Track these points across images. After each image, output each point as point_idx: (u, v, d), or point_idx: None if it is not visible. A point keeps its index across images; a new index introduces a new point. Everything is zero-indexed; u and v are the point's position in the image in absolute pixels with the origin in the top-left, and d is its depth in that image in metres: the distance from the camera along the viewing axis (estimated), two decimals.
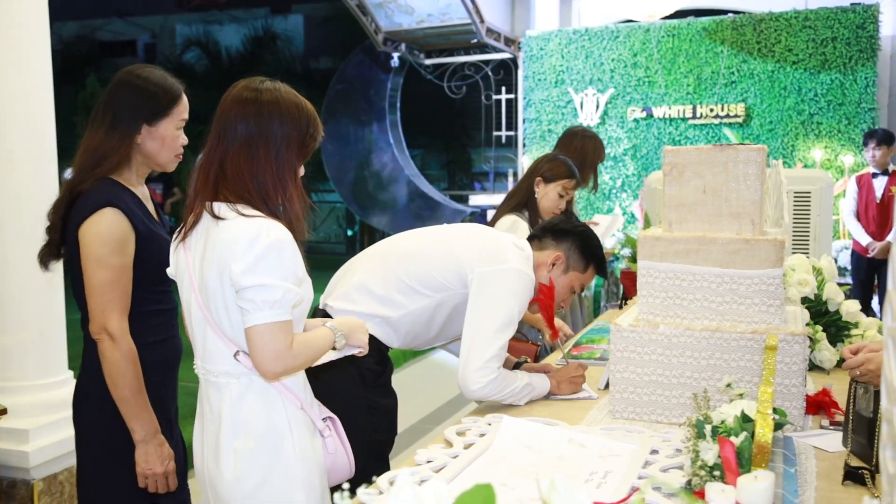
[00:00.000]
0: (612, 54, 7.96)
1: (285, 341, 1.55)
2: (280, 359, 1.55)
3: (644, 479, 1.52)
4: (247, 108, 1.61)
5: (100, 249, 1.89)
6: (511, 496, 1.45)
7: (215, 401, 1.66)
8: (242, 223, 1.56)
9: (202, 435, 1.71)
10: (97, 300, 1.90)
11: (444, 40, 8.72)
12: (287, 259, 1.56)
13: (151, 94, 1.99)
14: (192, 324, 1.69)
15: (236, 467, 1.62)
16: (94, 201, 1.91)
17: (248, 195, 1.60)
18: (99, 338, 1.90)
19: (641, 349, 1.96)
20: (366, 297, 2.12)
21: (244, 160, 1.60)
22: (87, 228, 1.91)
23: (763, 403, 1.44)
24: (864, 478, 1.51)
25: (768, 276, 1.89)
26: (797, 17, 7.25)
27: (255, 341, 1.54)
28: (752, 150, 1.94)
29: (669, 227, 2.02)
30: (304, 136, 1.65)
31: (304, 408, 1.68)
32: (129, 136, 1.98)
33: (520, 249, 2.18)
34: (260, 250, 1.53)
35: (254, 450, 1.62)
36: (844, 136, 7.13)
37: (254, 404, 1.63)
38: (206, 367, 1.67)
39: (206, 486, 1.71)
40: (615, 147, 7.95)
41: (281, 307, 1.54)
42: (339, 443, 1.77)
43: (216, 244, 1.58)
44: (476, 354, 2.00)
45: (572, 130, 3.94)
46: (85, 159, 1.98)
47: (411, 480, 0.78)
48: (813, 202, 3.43)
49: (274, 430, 1.63)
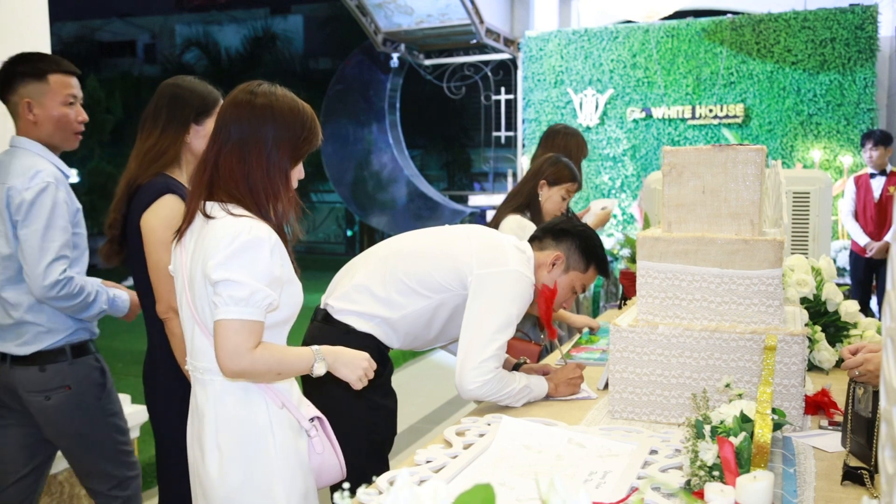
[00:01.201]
0: (612, 55, 7.97)
1: (247, 341, 1.54)
2: (238, 357, 1.54)
3: (643, 479, 1.52)
4: (241, 111, 1.63)
5: (165, 233, 2.01)
6: (510, 496, 1.45)
7: (201, 397, 1.68)
8: (229, 222, 1.58)
9: (191, 431, 1.73)
10: (164, 281, 2.05)
11: (444, 41, 8.73)
12: (262, 259, 1.56)
13: (198, 94, 2.21)
14: (183, 320, 1.71)
15: (220, 464, 1.63)
16: (155, 190, 2.10)
17: (240, 195, 1.62)
18: (167, 317, 2.07)
19: (641, 349, 1.96)
20: (366, 297, 2.13)
21: (236, 161, 1.62)
22: (151, 214, 2.08)
23: (762, 404, 1.44)
24: (863, 478, 1.51)
25: (767, 276, 1.89)
26: (796, 17, 7.26)
27: (218, 336, 1.55)
28: (751, 151, 1.94)
29: (668, 227, 2.02)
30: (298, 139, 1.66)
31: (286, 407, 1.68)
32: (180, 135, 2.18)
33: (520, 251, 2.18)
34: (236, 247, 1.54)
35: (236, 447, 1.63)
36: (843, 136, 7.14)
37: (236, 402, 1.64)
38: (193, 364, 1.69)
39: (195, 482, 1.73)
40: (614, 147, 7.96)
41: (248, 306, 1.54)
42: (327, 443, 1.76)
43: (202, 241, 1.61)
44: (473, 354, 2.00)
45: (554, 129, 3.95)
46: (141, 159, 2.17)
47: (410, 480, 0.78)
48: (812, 202, 3.43)
49: (255, 428, 1.64)
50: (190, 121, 2.18)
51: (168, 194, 2.09)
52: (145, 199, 2.09)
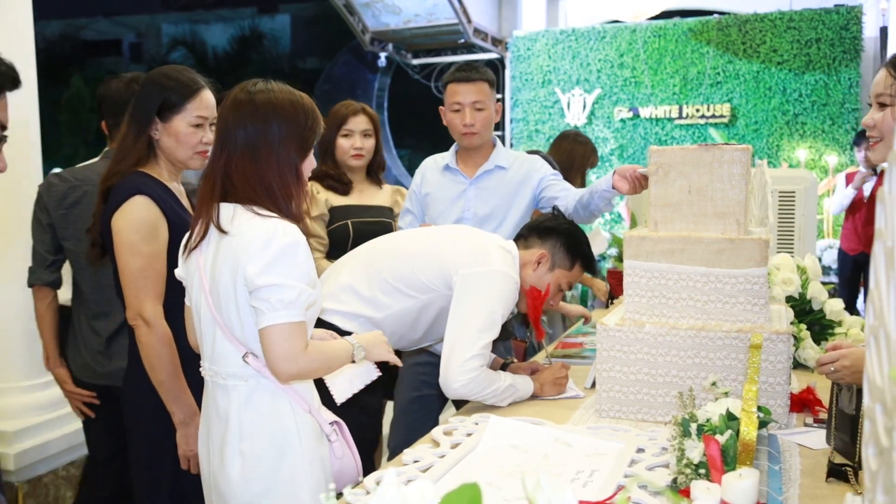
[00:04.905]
0: (599, 55, 7.99)
1: (300, 343, 1.54)
2: (294, 360, 1.53)
3: (630, 477, 1.53)
4: (242, 114, 1.61)
5: (132, 237, 1.94)
6: (497, 495, 1.45)
7: (222, 403, 1.64)
8: (258, 224, 1.56)
9: (208, 437, 1.70)
10: (131, 287, 1.94)
11: (432, 40, 8.71)
12: (301, 260, 1.56)
13: (164, 88, 2.03)
14: (201, 325, 1.67)
15: (243, 470, 1.60)
16: (124, 191, 1.97)
17: (259, 199, 1.60)
18: (135, 324, 1.95)
19: (627, 348, 1.97)
20: (352, 297, 2.12)
21: (249, 165, 1.60)
22: (119, 217, 1.96)
23: (748, 402, 1.45)
24: (848, 475, 1.52)
25: (753, 275, 1.90)
26: (782, 17, 7.30)
27: (270, 342, 1.53)
28: (737, 150, 1.95)
29: (655, 226, 2.03)
30: (304, 131, 1.64)
31: (311, 412, 1.67)
32: (143, 131, 2.03)
33: (505, 251, 2.18)
34: (275, 251, 1.52)
35: (261, 453, 1.60)
36: (828, 136, 7.18)
37: (262, 407, 1.62)
38: (213, 369, 1.66)
39: (210, 489, 1.70)
40: (602, 147, 7.98)
41: (295, 308, 1.53)
42: (346, 447, 1.75)
43: (230, 244, 1.58)
44: (458, 353, 2.00)
45: (565, 133, 4.13)
46: (114, 156, 2.07)
47: (398, 480, 0.78)
48: (797, 202, 3.45)
49: (282, 434, 1.61)
50: (153, 116, 2.02)
51: (138, 196, 1.96)
52: (115, 200, 1.98)
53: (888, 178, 0.72)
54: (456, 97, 2.70)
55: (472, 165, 2.77)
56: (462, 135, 2.72)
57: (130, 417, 2.09)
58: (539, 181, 2.72)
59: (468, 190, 2.73)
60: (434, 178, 2.80)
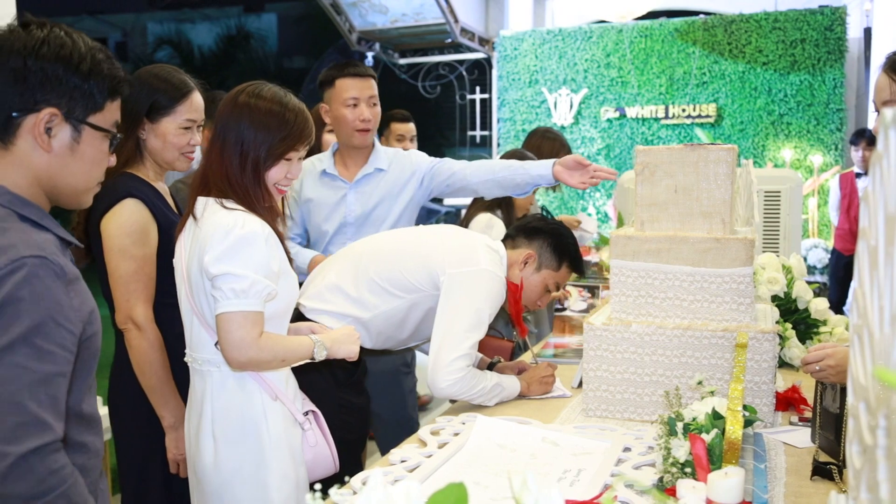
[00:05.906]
0: (586, 55, 8.00)
1: (252, 332, 1.59)
2: (244, 349, 1.59)
3: (616, 476, 1.53)
4: (225, 110, 1.71)
5: (122, 240, 1.92)
6: (484, 495, 1.45)
7: (198, 388, 1.73)
8: (223, 215, 1.63)
9: (188, 421, 1.78)
10: (122, 291, 1.93)
11: (419, 40, 8.70)
12: (259, 252, 1.61)
13: (154, 90, 2.01)
14: (182, 313, 1.75)
15: (215, 452, 1.67)
16: (114, 193, 1.93)
17: (228, 191, 1.68)
18: (125, 328, 1.94)
19: (614, 347, 1.97)
20: (338, 297, 2.12)
21: (216, 159, 1.70)
22: (109, 220, 1.94)
23: (733, 400, 1.46)
24: (832, 473, 1.53)
25: (738, 274, 1.91)
26: (767, 18, 7.33)
27: (221, 329, 1.60)
28: (723, 150, 1.96)
29: (641, 226, 2.03)
30: (273, 139, 1.69)
31: (280, 399, 1.72)
32: (132, 131, 2.01)
33: (493, 251, 2.18)
34: (232, 241, 1.59)
35: (230, 436, 1.67)
36: (813, 136, 7.22)
37: (231, 392, 1.69)
38: (192, 356, 1.74)
39: (192, 473, 1.77)
40: (589, 147, 7.99)
41: (249, 297, 1.58)
42: (320, 437, 1.81)
43: (198, 234, 1.66)
44: (445, 352, 2.00)
45: (535, 130, 4.13)
46: None
47: (384, 480, 0.78)
48: (783, 201, 3.47)
49: (250, 419, 1.68)
50: (142, 117, 2.00)
51: (128, 199, 1.94)
52: (105, 201, 1.92)
53: (871, 178, 0.72)
54: (351, 92, 2.64)
55: (353, 167, 2.70)
56: (357, 131, 2.64)
57: (119, 425, 2.07)
58: (422, 178, 2.70)
59: (348, 194, 2.67)
60: (312, 184, 2.70)
